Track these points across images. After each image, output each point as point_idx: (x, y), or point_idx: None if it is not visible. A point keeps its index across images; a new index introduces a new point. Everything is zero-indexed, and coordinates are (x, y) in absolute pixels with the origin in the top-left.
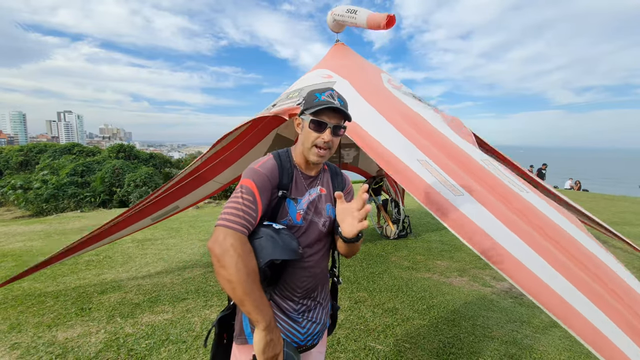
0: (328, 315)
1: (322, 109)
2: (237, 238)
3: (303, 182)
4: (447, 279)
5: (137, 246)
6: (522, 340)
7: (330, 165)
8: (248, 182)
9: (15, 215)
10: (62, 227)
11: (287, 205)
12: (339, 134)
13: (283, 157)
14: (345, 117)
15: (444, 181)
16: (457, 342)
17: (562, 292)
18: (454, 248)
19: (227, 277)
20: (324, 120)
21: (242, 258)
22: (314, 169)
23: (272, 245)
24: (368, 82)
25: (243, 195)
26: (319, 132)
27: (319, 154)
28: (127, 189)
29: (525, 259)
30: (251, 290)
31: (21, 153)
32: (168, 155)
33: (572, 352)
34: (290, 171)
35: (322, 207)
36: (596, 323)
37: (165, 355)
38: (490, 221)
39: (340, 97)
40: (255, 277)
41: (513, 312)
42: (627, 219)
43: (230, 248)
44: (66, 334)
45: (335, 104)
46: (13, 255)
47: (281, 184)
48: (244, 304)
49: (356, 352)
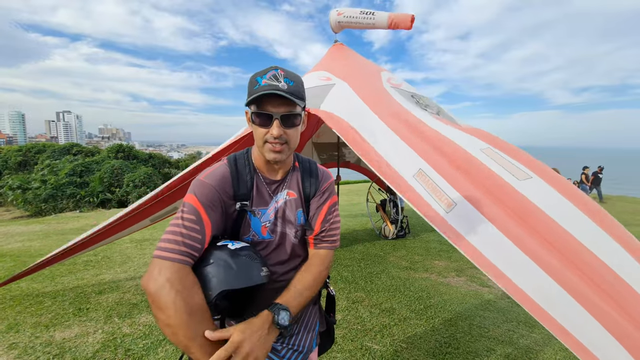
0: (314, 338)
1: (262, 96)
2: (174, 270)
3: (267, 189)
4: (444, 279)
5: (135, 246)
6: (518, 340)
7: (304, 162)
8: (190, 198)
9: (14, 216)
10: (61, 228)
11: (249, 219)
12: (294, 123)
13: (239, 161)
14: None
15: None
16: (454, 342)
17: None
18: (452, 248)
19: (166, 321)
20: (267, 112)
21: (182, 294)
22: (279, 170)
23: (224, 273)
24: (368, 85)
25: (184, 216)
26: (265, 127)
27: (273, 150)
28: (126, 189)
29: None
30: (195, 334)
31: (20, 153)
32: (167, 156)
33: (568, 352)
34: (249, 177)
35: (292, 215)
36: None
37: (162, 355)
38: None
39: (288, 75)
40: (202, 315)
41: (510, 312)
42: (625, 219)
43: (166, 284)
44: (64, 334)
45: (281, 86)
46: (12, 256)
47: (237, 194)
48: (190, 350)
49: (353, 352)
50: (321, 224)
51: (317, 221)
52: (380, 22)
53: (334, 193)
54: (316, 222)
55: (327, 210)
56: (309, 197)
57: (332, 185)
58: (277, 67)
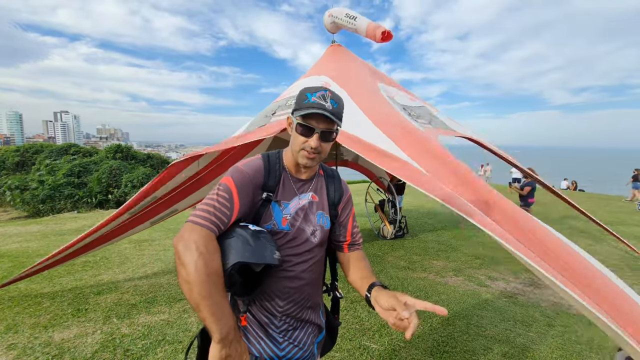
0: (315, 344)
1: (310, 113)
2: (202, 235)
3: (292, 186)
4: (442, 278)
5: (134, 247)
6: (515, 338)
7: (327, 170)
8: (227, 180)
9: (11, 216)
10: (59, 228)
11: (271, 209)
12: (330, 139)
13: (272, 158)
14: (338, 122)
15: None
16: (451, 341)
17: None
18: (450, 248)
19: (185, 277)
20: (311, 125)
21: (204, 256)
22: (305, 172)
23: (242, 247)
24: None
25: (219, 193)
26: (306, 137)
27: (307, 157)
28: (125, 190)
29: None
30: (209, 294)
31: (17, 153)
32: (166, 156)
33: (564, 351)
34: (278, 173)
35: (313, 215)
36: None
37: (161, 355)
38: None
39: (333, 98)
40: (218, 280)
41: (507, 312)
42: (622, 218)
43: (193, 244)
44: (62, 334)
45: (327, 107)
46: (10, 256)
47: (266, 185)
48: (199, 308)
49: (351, 352)
50: (351, 234)
51: (347, 231)
52: (360, 28)
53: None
54: (347, 232)
55: (352, 218)
56: (334, 202)
57: (351, 197)
58: (326, 88)
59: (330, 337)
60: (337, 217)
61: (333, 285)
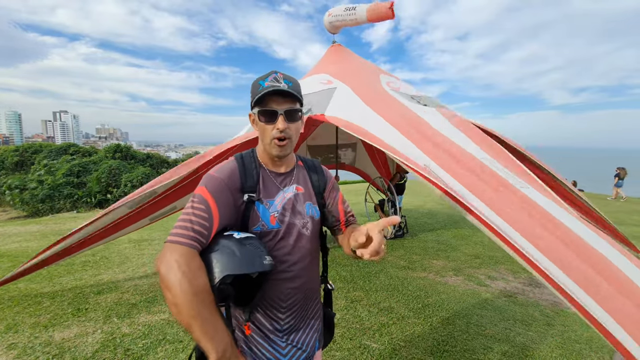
0: (316, 340)
1: (267, 94)
2: (182, 253)
3: (273, 181)
4: (442, 278)
5: (133, 246)
6: (515, 338)
7: (307, 160)
8: (201, 190)
9: (10, 216)
10: (58, 228)
11: (257, 210)
12: (296, 118)
13: (246, 158)
14: (298, 99)
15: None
16: (451, 340)
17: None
18: (449, 247)
19: (172, 300)
20: (272, 108)
21: (187, 276)
22: (283, 164)
23: (227, 259)
24: (369, 87)
25: (194, 205)
26: (271, 123)
27: (279, 144)
28: (124, 190)
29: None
30: (198, 313)
31: (16, 153)
32: (165, 156)
33: (564, 350)
34: (255, 171)
35: (301, 207)
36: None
37: (162, 354)
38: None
39: (287, 78)
40: (206, 297)
41: (507, 311)
42: (621, 218)
43: (175, 264)
44: (63, 334)
45: (282, 86)
46: (9, 256)
47: (245, 186)
48: (191, 329)
49: (351, 351)
50: (344, 212)
51: (338, 210)
52: (361, 16)
53: (338, 189)
54: (338, 211)
55: (341, 199)
56: (319, 190)
57: (335, 183)
58: (276, 71)
59: (328, 329)
60: (325, 205)
61: (324, 277)
